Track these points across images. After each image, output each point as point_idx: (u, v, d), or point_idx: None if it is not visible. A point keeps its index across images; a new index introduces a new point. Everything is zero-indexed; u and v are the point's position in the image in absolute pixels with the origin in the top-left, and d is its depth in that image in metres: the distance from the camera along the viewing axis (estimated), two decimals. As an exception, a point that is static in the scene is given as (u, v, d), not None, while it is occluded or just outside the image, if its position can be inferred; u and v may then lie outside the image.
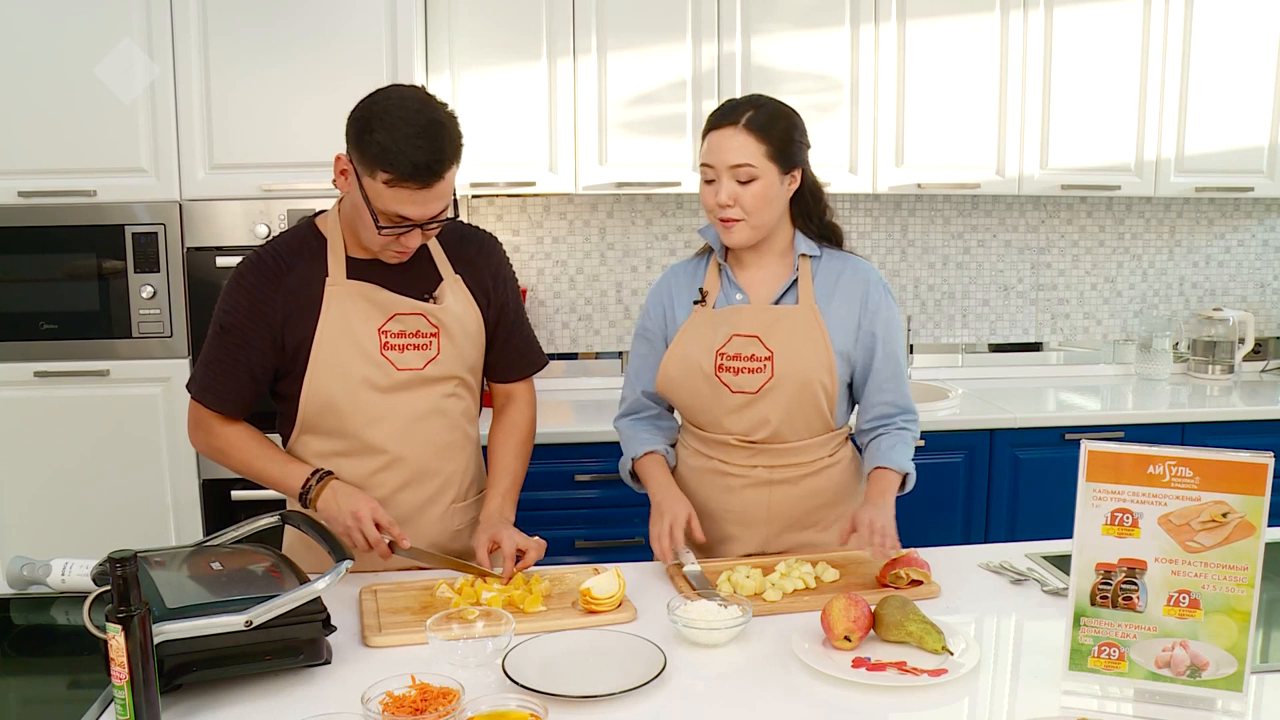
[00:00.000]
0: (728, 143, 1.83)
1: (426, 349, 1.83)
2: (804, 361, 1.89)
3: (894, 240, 3.65)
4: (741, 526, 1.96)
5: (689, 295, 1.98)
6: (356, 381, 1.80)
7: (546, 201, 3.47)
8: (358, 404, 1.81)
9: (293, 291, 1.78)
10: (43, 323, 2.84)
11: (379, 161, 1.64)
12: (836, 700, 1.38)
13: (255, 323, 1.78)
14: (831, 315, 1.92)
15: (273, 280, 1.78)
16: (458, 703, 1.28)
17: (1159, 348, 3.67)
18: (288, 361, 1.80)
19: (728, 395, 1.91)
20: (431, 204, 1.68)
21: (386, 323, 1.80)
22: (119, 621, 1.22)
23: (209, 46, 2.78)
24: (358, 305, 1.79)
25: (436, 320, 1.83)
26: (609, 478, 2.94)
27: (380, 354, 1.80)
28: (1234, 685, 1.33)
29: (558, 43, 3.07)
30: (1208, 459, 1.32)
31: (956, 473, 3.12)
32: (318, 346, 1.78)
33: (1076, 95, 3.27)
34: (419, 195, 1.66)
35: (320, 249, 1.81)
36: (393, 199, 1.66)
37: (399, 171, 1.63)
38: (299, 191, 2.83)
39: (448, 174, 1.67)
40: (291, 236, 1.85)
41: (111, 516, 2.87)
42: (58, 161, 2.78)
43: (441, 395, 1.87)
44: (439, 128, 1.66)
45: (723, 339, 1.91)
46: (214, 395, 1.83)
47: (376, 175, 1.65)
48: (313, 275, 1.79)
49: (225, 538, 1.70)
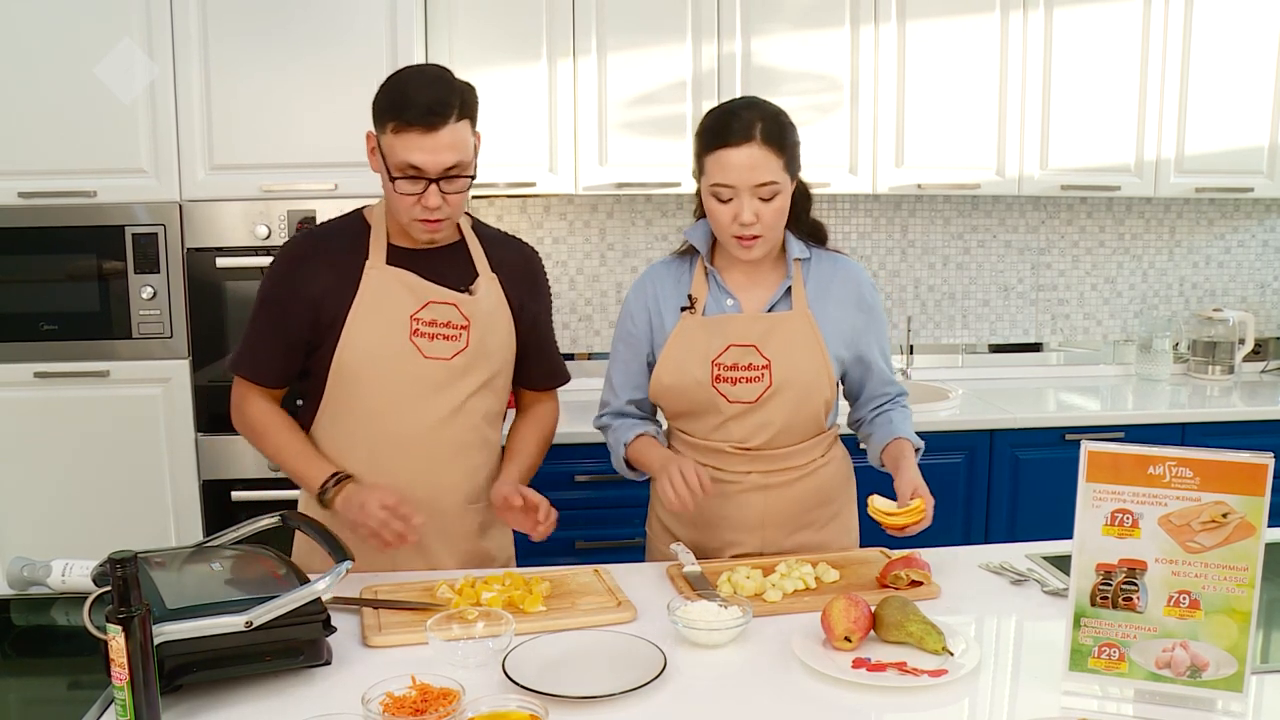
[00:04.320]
0: (749, 161, 1.78)
1: (455, 340, 1.85)
2: (802, 369, 1.88)
3: (894, 240, 3.65)
4: (738, 531, 1.95)
5: (676, 300, 1.94)
6: (383, 361, 1.83)
7: (547, 202, 3.47)
8: (381, 384, 1.83)
9: (333, 267, 1.84)
10: (43, 323, 2.84)
11: (389, 111, 1.72)
12: (836, 701, 1.38)
13: (293, 293, 1.83)
14: (827, 319, 1.91)
15: (314, 255, 1.85)
16: (458, 703, 1.28)
17: (1159, 348, 3.67)
18: (321, 334, 1.84)
19: (725, 405, 1.89)
20: (441, 153, 1.72)
21: (419, 310, 1.83)
22: (119, 622, 1.22)
23: (209, 47, 2.78)
24: (393, 290, 1.83)
25: (468, 313, 1.86)
26: (609, 478, 2.93)
27: (409, 339, 1.83)
28: (1234, 686, 1.33)
29: (558, 43, 3.07)
30: (1208, 459, 1.32)
31: (956, 473, 3.12)
32: (350, 323, 1.82)
33: (1076, 95, 3.28)
34: (426, 141, 1.71)
35: (364, 234, 1.87)
36: (402, 147, 1.72)
37: (404, 115, 1.70)
38: (299, 192, 2.83)
39: (453, 123, 1.72)
40: (338, 221, 1.92)
41: (111, 517, 2.87)
42: (58, 162, 2.78)
43: (465, 390, 1.88)
44: (448, 82, 1.75)
45: (718, 349, 1.88)
46: (249, 366, 1.88)
47: (387, 127, 1.73)
48: (354, 257, 1.85)
49: (225, 538, 1.70)
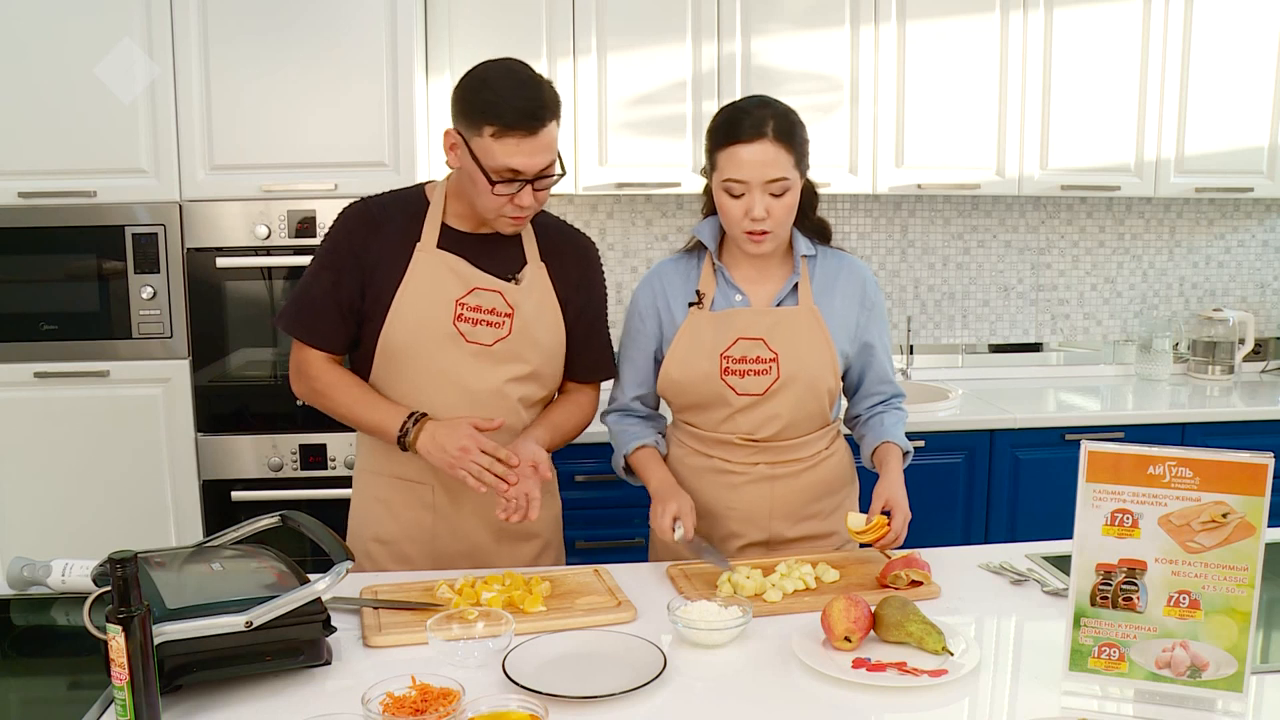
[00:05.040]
0: (761, 157, 1.81)
1: (499, 327, 1.86)
2: (809, 362, 1.91)
3: (894, 240, 3.65)
4: (744, 523, 1.97)
5: (684, 296, 1.97)
6: (426, 343, 1.83)
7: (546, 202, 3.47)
8: (422, 365, 1.84)
9: (387, 240, 1.85)
10: (43, 323, 2.84)
11: (486, 115, 1.72)
12: (836, 700, 1.38)
13: (349, 259, 1.85)
14: (832, 314, 1.94)
15: (371, 226, 1.86)
16: (458, 703, 1.28)
17: (1159, 348, 3.67)
18: (369, 307, 1.85)
19: (734, 398, 1.92)
20: (538, 155, 1.75)
21: (465, 295, 1.84)
22: (119, 622, 1.22)
23: (209, 47, 2.78)
24: (440, 274, 1.84)
25: (512, 301, 1.86)
26: (608, 478, 2.92)
27: (453, 324, 1.84)
28: (1234, 686, 1.33)
29: (558, 43, 3.07)
30: (1208, 459, 1.32)
31: (956, 473, 3.12)
32: (397, 304, 1.83)
33: (1076, 95, 3.28)
34: (525, 144, 1.73)
35: (421, 211, 1.88)
36: (501, 151, 1.73)
37: (504, 120, 1.71)
38: (299, 192, 2.83)
39: (549, 124, 1.75)
40: (398, 194, 1.93)
41: (111, 517, 2.87)
42: (58, 162, 2.78)
43: (505, 377, 1.88)
44: (538, 82, 1.76)
45: (726, 342, 1.91)
46: (305, 327, 1.89)
47: (484, 131, 1.73)
48: (407, 234, 1.85)
49: (225, 538, 1.70)
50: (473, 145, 1.75)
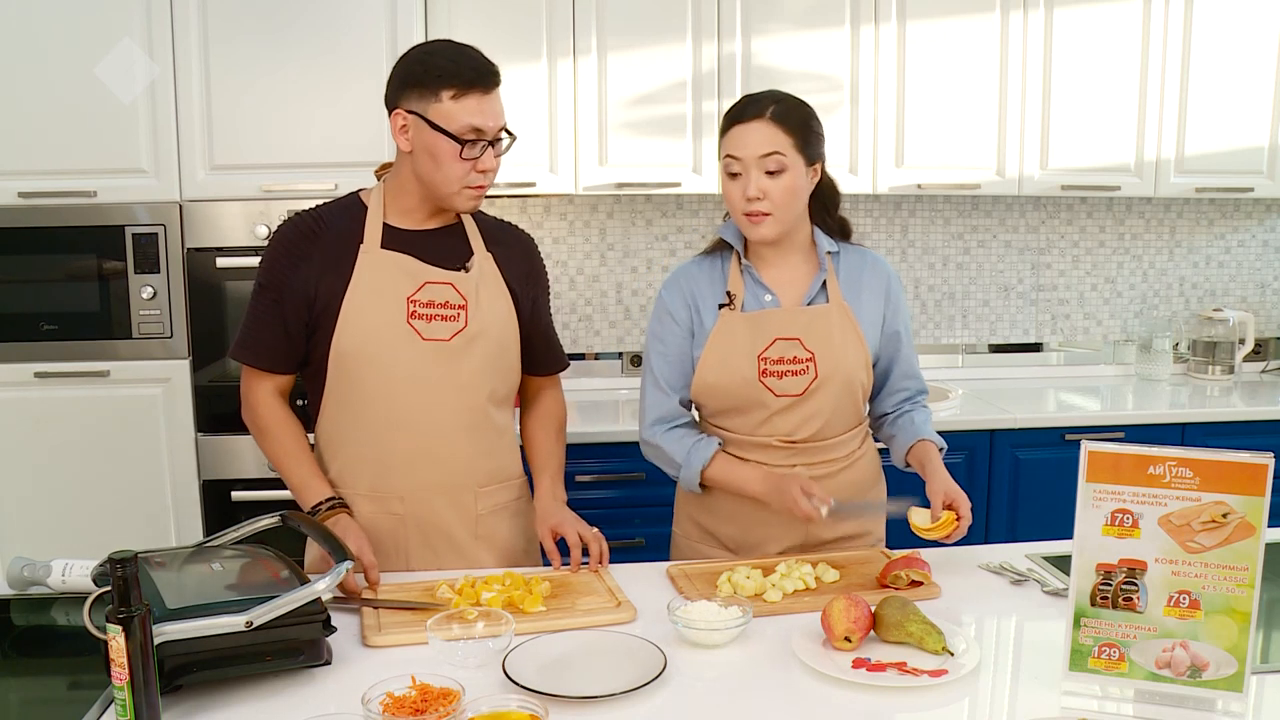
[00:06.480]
0: (755, 134, 1.83)
1: (454, 320, 1.85)
2: (845, 360, 1.91)
3: (894, 240, 3.65)
4: (783, 527, 1.94)
5: (713, 298, 1.95)
6: (381, 345, 1.82)
7: (547, 202, 3.47)
8: (380, 368, 1.83)
9: (328, 248, 1.84)
10: (43, 323, 2.84)
11: (443, 80, 1.75)
12: (836, 700, 1.38)
13: (289, 275, 1.83)
14: (861, 310, 1.94)
15: (309, 237, 1.85)
16: (458, 703, 1.28)
17: (1159, 348, 3.67)
18: (317, 316, 1.84)
19: (772, 399, 1.90)
20: (499, 114, 1.81)
21: (416, 292, 1.83)
22: (119, 622, 1.22)
23: (209, 47, 2.78)
24: (388, 273, 1.83)
25: (465, 292, 1.86)
26: (609, 478, 2.94)
27: (406, 322, 1.82)
28: (1234, 686, 1.33)
29: (558, 43, 3.07)
30: (1208, 459, 1.32)
31: (957, 473, 3.04)
32: (346, 309, 1.82)
33: (1076, 95, 3.28)
34: (484, 103, 1.78)
35: (360, 216, 1.87)
36: (463, 111, 1.76)
37: (463, 78, 1.75)
38: (299, 192, 2.83)
39: (498, 87, 1.81)
40: (334, 203, 1.92)
41: (111, 516, 2.87)
42: (58, 162, 2.78)
43: (466, 369, 1.87)
44: (474, 48, 1.82)
45: (764, 343, 1.90)
46: (250, 351, 1.88)
47: (442, 96, 1.75)
48: (349, 239, 1.85)
49: (225, 538, 1.70)
50: (431, 115, 1.76)
